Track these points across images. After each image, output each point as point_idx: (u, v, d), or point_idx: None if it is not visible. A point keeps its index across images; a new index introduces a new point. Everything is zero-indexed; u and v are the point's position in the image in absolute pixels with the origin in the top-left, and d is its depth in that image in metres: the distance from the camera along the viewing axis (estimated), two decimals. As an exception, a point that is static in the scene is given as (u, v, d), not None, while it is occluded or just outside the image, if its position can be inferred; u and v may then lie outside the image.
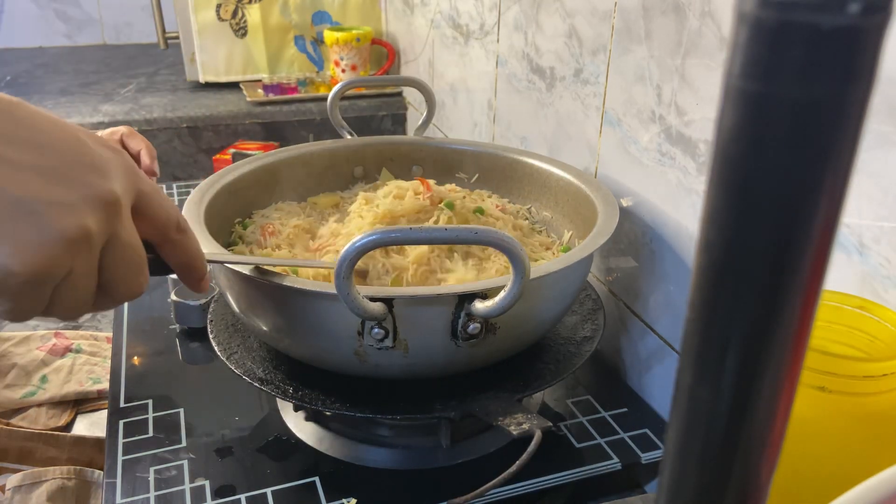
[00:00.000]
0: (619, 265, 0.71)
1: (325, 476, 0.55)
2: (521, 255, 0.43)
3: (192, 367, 0.70)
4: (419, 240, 0.44)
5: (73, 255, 0.32)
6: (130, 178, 0.36)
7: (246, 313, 0.54)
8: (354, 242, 0.42)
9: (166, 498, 0.53)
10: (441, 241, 0.44)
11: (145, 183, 0.37)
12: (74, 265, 0.32)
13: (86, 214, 0.32)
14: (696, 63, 0.56)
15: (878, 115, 0.41)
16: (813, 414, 0.34)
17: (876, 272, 0.43)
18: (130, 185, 0.36)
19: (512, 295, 0.44)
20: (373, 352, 0.49)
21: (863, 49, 0.13)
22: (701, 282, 0.16)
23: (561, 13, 0.76)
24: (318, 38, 1.55)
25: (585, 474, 0.56)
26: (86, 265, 0.33)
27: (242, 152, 1.18)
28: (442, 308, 0.48)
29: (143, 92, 1.51)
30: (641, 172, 0.65)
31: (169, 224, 0.39)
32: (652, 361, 0.67)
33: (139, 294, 0.37)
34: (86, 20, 2.17)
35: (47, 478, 0.79)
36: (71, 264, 0.32)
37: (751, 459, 0.17)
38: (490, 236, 0.43)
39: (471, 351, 0.50)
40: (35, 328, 1.24)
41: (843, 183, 0.14)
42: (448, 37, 1.14)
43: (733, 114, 0.14)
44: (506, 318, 0.48)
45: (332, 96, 0.75)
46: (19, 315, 0.33)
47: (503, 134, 0.96)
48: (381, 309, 0.46)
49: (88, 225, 0.32)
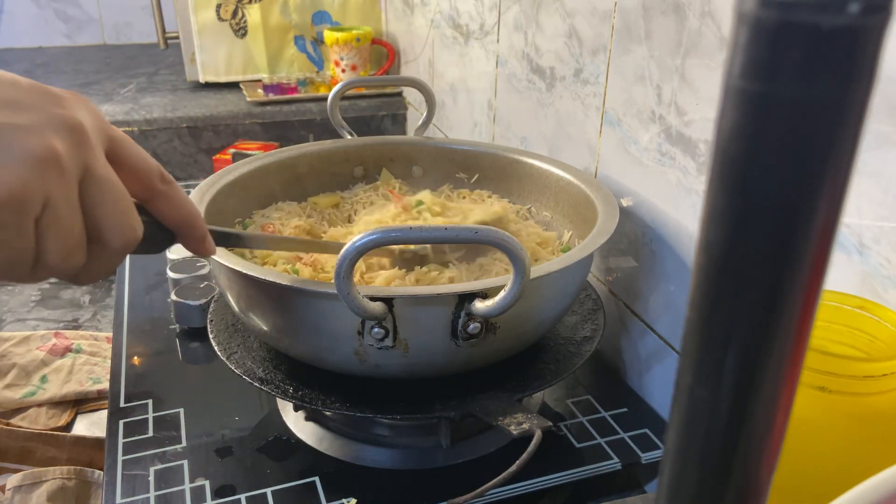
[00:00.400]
0: (619, 265, 0.71)
1: (325, 476, 0.55)
2: (520, 254, 0.43)
3: (192, 367, 0.70)
4: (419, 239, 0.44)
5: (45, 178, 0.31)
6: (97, 118, 0.35)
7: (246, 313, 0.54)
8: (354, 242, 0.42)
9: (166, 498, 0.53)
10: (441, 240, 0.44)
11: (115, 130, 0.36)
12: (50, 192, 0.32)
13: (50, 136, 0.32)
14: (696, 63, 0.56)
15: (878, 115, 0.41)
16: (813, 414, 0.34)
17: (876, 272, 0.43)
18: (97, 122, 0.35)
19: (512, 294, 0.44)
20: (373, 351, 0.49)
21: (863, 49, 0.13)
22: (701, 281, 0.16)
23: (561, 13, 0.76)
24: (318, 38, 1.55)
25: (585, 474, 0.56)
26: (61, 192, 0.32)
27: (242, 152, 1.18)
28: (442, 308, 0.48)
29: (143, 92, 1.51)
30: (641, 172, 0.65)
31: (151, 173, 0.38)
32: (652, 361, 0.67)
33: (133, 239, 0.36)
34: (86, 20, 2.17)
35: (47, 478, 0.79)
36: (45, 190, 0.31)
37: (751, 459, 0.17)
38: (490, 236, 0.43)
39: (471, 351, 0.50)
40: (35, 328, 1.24)
41: (843, 183, 0.14)
42: (448, 37, 1.14)
43: (733, 114, 0.14)
44: (506, 317, 0.48)
45: (332, 96, 0.75)
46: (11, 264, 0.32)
47: (503, 134, 0.96)
48: (381, 308, 0.46)
49: (54, 145, 0.31)
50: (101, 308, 1.32)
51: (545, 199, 0.72)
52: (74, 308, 1.33)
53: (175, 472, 0.56)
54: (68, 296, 1.37)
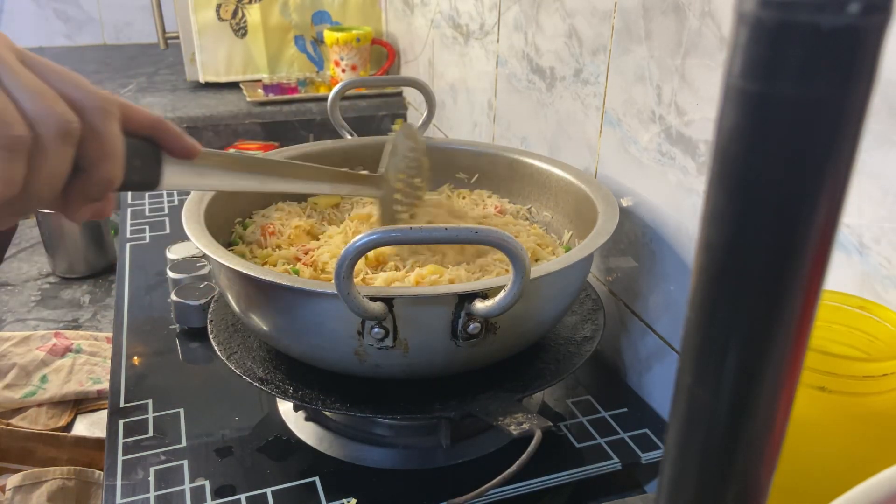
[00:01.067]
0: (619, 265, 0.71)
1: (325, 476, 0.55)
2: (521, 254, 0.43)
3: (192, 367, 0.70)
4: (419, 239, 0.44)
5: None
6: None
7: (246, 313, 0.54)
8: (354, 242, 0.42)
9: (166, 498, 0.53)
10: (441, 240, 0.44)
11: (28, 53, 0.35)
12: None
13: None
14: (696, 63, 0.56)
15: (878, 115, 0.41)
16: (813, 414, 0.34)
17: (876, 272, 0.43)
18: None
19: (512, 295, 0.44)
20: (373, 351, 0.49)
21: (863, 49, 0.13)
22: (701, 281, 0.16)
23: (561, 13, 0.76)
24: (318, 38, 1.55)
25: (585, 474, 0.56)
26: None
27: (242, 152, 1.18)
28: (442, 308, 0.48)
29: (143, 92, 1.51)
30: (641, 172, 0.65)
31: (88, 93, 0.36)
32: (652, 361, 0.67)
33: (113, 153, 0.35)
34: (86, 20, 2.17)
35: (47, 478, 0.79)
36: None
37: (751, 459, 0.17)
38: (490, 236, 0.43)
39: (471, 351, 0.50)
40: (35, 328, 1.24)
41: (843, 183, 0.14)
42: (448, 37, 1.14)
43: (733, 114, 0.14)
44: (506, 317, 0.48)
45: (333, 96, 0.75)
46: None
47: (503, 134, 0.96)
48: (381, 308, 0.46)
49: None
50: (101, 308, 1.32)
51: (545, 199, 0.72)
52: (74, 308, 1.33)
53: (175, 472, 0.56)
54: (68, 296, 1.37)
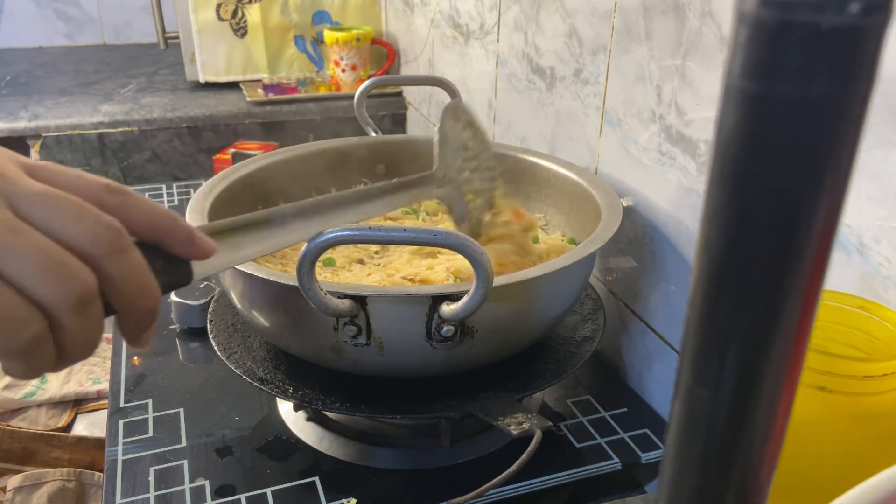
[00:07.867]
0: (619, 265, 0.71)
1: (325, 476, 0.55)
2: (481, 259, 0.42)
3: (192, 367, 0.70)
4: (377, 239, 0.43)
5: None
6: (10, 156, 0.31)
7: (248, 310, 0.54)
8: (314, 239, 0.42)
9: (166, 498, 0.53)
10: (399, 241, 0.43)
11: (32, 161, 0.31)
12: None
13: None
14: (696, 63, 0.56)
15: (878, 115, 0.41)
16: (813, 414, 0.34)
17: (876, 272, 0.43)
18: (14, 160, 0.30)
19: (475, 299, 0.44)
20: (348, 348, 0.49)
21: (863, 49, 0.13)
22: (701, 281, 0.16)
23: (561, 13, 0.76)
24: (318, 37, 1.55)
25: (585, 474, 0.56)
26: None
27: (242, 152, 1.18)
28: (416, 308, 0.47)
29: (143, 92, 1.51)
30: (641, 172, 0.65)
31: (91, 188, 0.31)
32: (652, 361, 0.67)
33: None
34: (85, 20, 2.17)
35: (48, 479, 0.79)
36: None
37: (751, 459, 0.17)
38: (449, 239, 0.42)
39: (448, 353, 0.50)
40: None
41: (843, 183, 0.14)
42: (448, 37, 1.14)
43: (733, 114, 0.14)
44: (487, 322, 0.48)
45: (359, 94, 0.75)
46: None
47: (503, 134, 0.96)
48: (346, 306, 0.46)
49: None
50: (101, 308, 1.32)
51: (545, 199, 0.72)
52: (74, 308, 1.32)
53: (175, 472, 0.56)
54: (68, 296, 1.36)
